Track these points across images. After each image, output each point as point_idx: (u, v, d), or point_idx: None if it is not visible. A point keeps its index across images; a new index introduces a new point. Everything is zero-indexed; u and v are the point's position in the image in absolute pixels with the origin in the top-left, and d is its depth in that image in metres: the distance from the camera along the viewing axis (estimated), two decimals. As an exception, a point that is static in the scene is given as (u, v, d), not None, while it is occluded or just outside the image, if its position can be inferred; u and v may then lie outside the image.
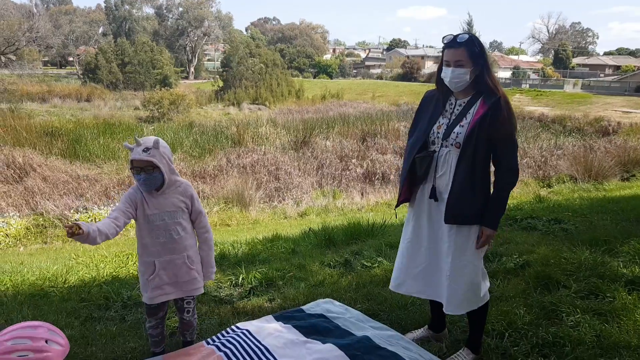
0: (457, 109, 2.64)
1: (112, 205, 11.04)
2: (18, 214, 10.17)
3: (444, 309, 2.73)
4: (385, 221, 6.29)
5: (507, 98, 2.59)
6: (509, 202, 6.59)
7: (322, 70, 65.82)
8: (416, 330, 3.21)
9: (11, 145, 15.26)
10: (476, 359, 2.86)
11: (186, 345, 3.08)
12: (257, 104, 36.42)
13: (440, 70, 2.66)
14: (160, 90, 32.00)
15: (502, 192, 2.64)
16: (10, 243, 9.13)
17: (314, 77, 61.48)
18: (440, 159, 2.67)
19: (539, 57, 79.01)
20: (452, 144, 2.61)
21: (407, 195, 2.88)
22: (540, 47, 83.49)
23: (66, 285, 4.34)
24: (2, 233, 9.31)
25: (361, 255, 4.84)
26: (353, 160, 14.41)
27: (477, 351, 2.89)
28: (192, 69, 67.13)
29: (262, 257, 5.21)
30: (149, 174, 2.62)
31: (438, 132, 2.68)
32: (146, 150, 2.58)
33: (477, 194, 2.57)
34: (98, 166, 14.88)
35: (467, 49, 2.53)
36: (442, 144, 2.66)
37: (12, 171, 13.00)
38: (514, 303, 3.44)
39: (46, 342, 1.84)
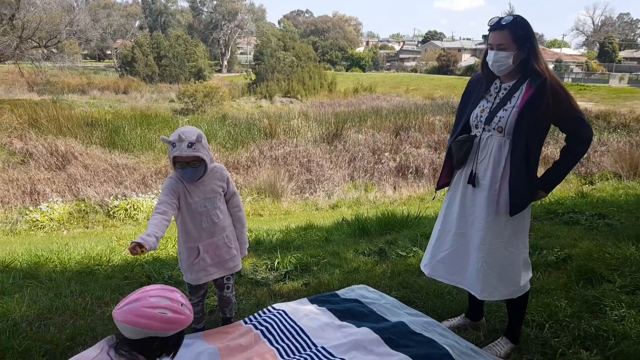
0: (502, 93, 2.61)
1: (149, 193, 11.34)
2: (61, 200, 10.55)
3: (477, 296, 2.70)
4: (420, 213, 6.26)
5: (557, 79, 2.53)
6: (549, 196, 6.48)
7: (355, 63, 65.36)
8: (453, 319, 3.21)
9: (54, 135, 15.80)
10: (515, 348, 2.85)
11: (225, 322, 3.17)
12: (289, 97, 36.58)
13: (486, 53, 2.64)
14: (195, 83, 32.47)
15: (570, 162, 2.60)
16: (54, 227, 9.50)
17: (347, 70, 61.11)
18: (482, 143, 2.65)
19: (582, 50, 76.14)
20: (494, 129, 2.59)
21: (446, 179, 2.89)
22: (584, 39, 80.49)
23: (110, 265, 4.51)
24: (46, 217, 9.69)
25: (396, 244, 4.84)
26: (386, 154, 14.33)
27: (516, 341, 2.87)
28: (225, 62, 67.85)
29: (296, 244, 5.27)
30: (194, 168, 2.70)
31: (481, 116, 2.66)
32: (190, 145, 2.61)
33: (529, 181, 2.54)
34: (136, 156, 15.25)
35: (511, 32, 2.49)
36: (484, 128, 2.64)
37: (55, 159, 13.47)
38: (555, 295, 3.39)
39: (181, 305, 1.93)
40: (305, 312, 3.29)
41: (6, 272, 4.27)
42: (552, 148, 12.67)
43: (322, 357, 2.76)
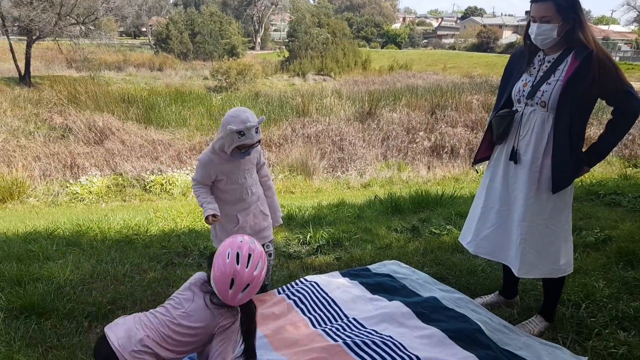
0: (546, 66, 2.52)
1: (184, 168, 11.55)
2: (100, 174, 10.87)
3: (515, 272, 2.66)
4: (455, 192, 6.19)
5: (605, 50, 2.43)
6: (589, 177, 6.29)
7: (391, 40, 64.07)
8: (486, 296, 3.19)
9: (92, 110, 16.20)
10: (549, 327, 2.81)
11: (262, 290, 3.23)
12: (322, 75, 36.31)
13: (528, 25, 2.55)
14: (228, 60, 32.56)
15: (616, 135, 2.51)
16: (93, 199, 9.81)
17: (382, 47, 59.96)
18: (524, 118, 2.57)
19: (633, 26, 72.28)
20: (537, 103, 2.51)
21: (485, 154, 2.84)
22: (635, 15, 76.42)
23: (148, 234, 4.64)
24: (86, 190, 10.02)
25: (429, 222, 4.81)
26: (420, 133, 14.12)
27: (551, 319, 2.83)
28: (258, 40, 67.69)
29: (328, 219, 5.30)
30: (254, 148, 2.81)
31: (523, 90, 2.58)
32: (257, 130, 2.71)
33: (573, 158, 2.46)
34: (171, 132, 15.51)
35: (555, 3, 2.37)
36: (526, 102, 2.57)
37: (94, 134, 13.83)
38: (593, 276, 3.31)
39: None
40: (337, 285, 3.32)
41: (50, 239, 4.45)
42: (595, 129, 12.24)
43: (353, 328, 2.79)
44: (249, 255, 2.01)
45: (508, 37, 58.47)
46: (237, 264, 1.99)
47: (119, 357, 1.92)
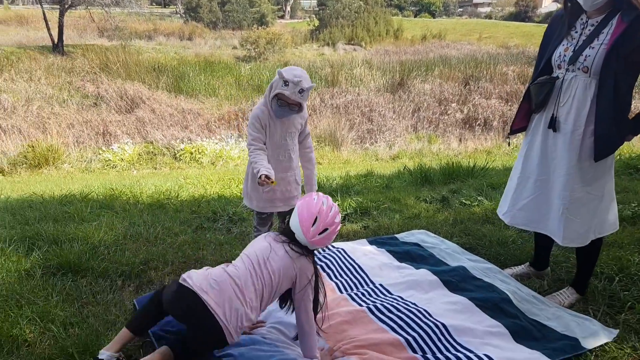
0: (589, 30, 2.39)
1: (213, 137, 11.66)
2: (131, 141, 11.06)
3: (560, 242, 2.58)
4: (487, 164, 6.07)
5: None
6: (628, 151, 6.06)
7: (424, 9, 62.09)
8: (516, 267, 3.14)
9: (123, 79, 16.39)
10: (580, 299, 2.76)
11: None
12: (353, 45, 35.67)
13: None
14: (257, 29, 32.28)
15: None
16: (125, 167, 10.02)
17: (415, 16, 58.19)
18: (564, 84, 2.47)
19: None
20: (579, 69, 2.40)
21: (521, 124, 2.75)
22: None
23: (179, 200, 4.72)
24: (118, 157, 10.24)
25: (460, 193, 4.74)
26: (453, 105, 13.83)
27: (582, 292, 2.78)
28: (288, 8, 66.73)
29: (356, 189, 5.29)
30: (292, 110, 2.76)
31: (564, 55, 2.47)
32: (301, 92, 2.67)
33: (617, 126, 2.35)
34: (200, 101, 15.60)
35: None
36: (567, 68, 2.46)
37: (125, 102, 14.03)
38: (628, 250, 3.22)
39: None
40: (364, 252, 3.33)
41: (84, 202, 4.57)
42: (638, 102, 11.75)
43: (379, 294, 2.80)
44: (332, 206, 2.17)
45: (547, 5, 56.01)
46: (323, 206, 2.13)
47: (224, 332, 2.01)
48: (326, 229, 2.14)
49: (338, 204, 4.39)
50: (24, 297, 2.60)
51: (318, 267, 3.12)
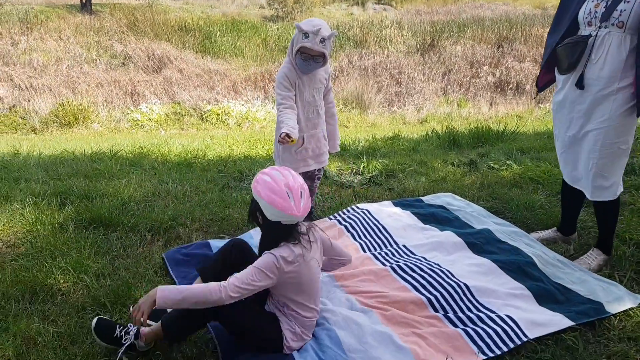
0: None
1: (239, 99, 11.65)
2: (159, 102, 11.15)
3: (589, 196, 2.57)
4: (518, 128, 5.92)
5: None
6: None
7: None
8: (542, 231, 3.10)
9: (150, 39, 16.37)
10: (607, 260, 2.72)
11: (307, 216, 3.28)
12: (383, 4, 34.66)
13: None
14: (286, -12, 31.65)
15: None
16: (153, 127, 10.15)
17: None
18: (597, 41, 2.36)
19: None
20: (613, 24, 2.29)
21: (547, 77, 2.68)
22: None
23: (206, 159, 4.77)
24: (146, 117, 10.36)
25: (488, 157, 4.66)
26: (484, 67, 13.41)
27: (608, 252, 2.74)
28: (317, -32, 65.13)
29: (382, 152, 5.24)
30: (317, 62, 2.70)
31: (595, 11, 2.35)
32: (322, 41, 2.60)
33: None
34: (227, 62, 15.52)
35: None
36: (599, 25, 2.35)
37: (152, 62, 14.06)
38: (658, 216, 3.14)
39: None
40: (388, 213, 3.32)
41: (114, 159, 4.67)
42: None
43: (402, 254, 2.81)
44: (280, 172, 1.98)
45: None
46: (281, 178, 1.94)
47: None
48: (301, 192, 1.97)
49: (363, 166, 4.39)
50: (58, 249, 2.70)
51: (342, 227, 3.17)
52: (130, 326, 1.97)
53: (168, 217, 3.22)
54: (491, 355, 2.02)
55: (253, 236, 3.00)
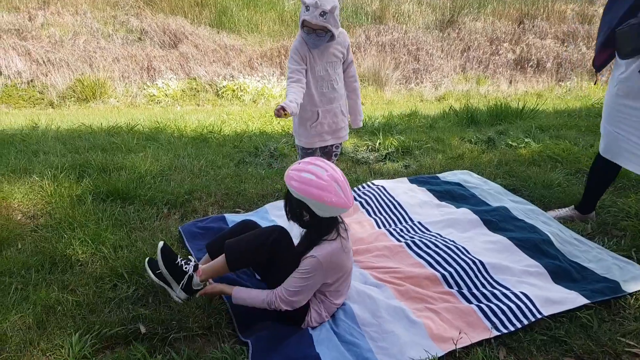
0: None
1: (255, 75, 11.60)
2: (175, 77, 11.15)
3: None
4: (537, 106, 5.81)
5: None
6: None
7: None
8: (560, 209, 3.05)
9: (165, 13, 16.29)
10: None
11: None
12: (401, -19, 34.05)
13: None
14: (303, -37, 31.11)
15: None
16: (169, 102, 10.18)
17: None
18: None
19: None
20: None
21: (604, 55, 2.54)
22: None
23: (221, 134, 4.78)
24: (162, 93, 10.38)
25: (506, 135, 4.59)
26: (505, 44, 13.13)
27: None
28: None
29: (398, 128, 5.19)
30: (320, 37, 2.64)
31: None
32: (323, 14, 2.54)
33: None
34: (243, 37, 15.40)
35: None
36: None
37: (168, 37, 14.00)
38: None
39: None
40: (404, 190, 3.30)
41: (131, 134, 4.70)
42: None
43: (417, 231, 2.80)
44: (317, 166, 1.91)
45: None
46: (323, 172, 1.88)
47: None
48: (343, 177, 1.93)
49: (379, 143, 4.36)
50: (76, 221, 2.75)
51: (358, 203, 3.16)
52: (191, 259, 2.11)
53: (184, 191, 3.24)
54: (505, 331, 2.01)
55: (268, 211, 3.02)
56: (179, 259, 2.09)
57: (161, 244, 2.11)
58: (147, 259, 2.12)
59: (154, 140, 4.47)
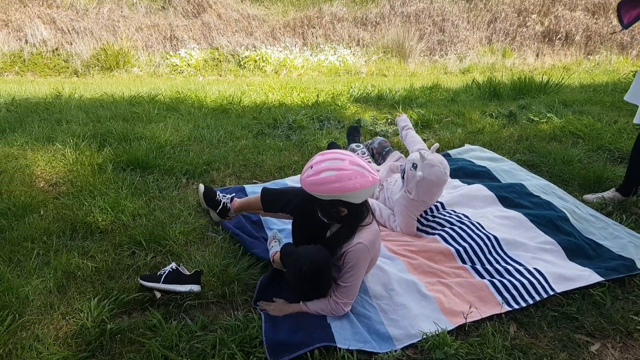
0: None
1: (277, 45, 11.51)
2: (197, 47, 11.13)
3: None
4: (562, 80, 5.65)
5: None
6: None
7: None
8: (598, 194, 2.93)
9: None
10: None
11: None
12: (429, -52, 33.03)
13: None
14: None
15: None
16: (191, 72, 10.20)
17: None
18: None
19: None
20: None
21: (634, 16, 2.46)
22: None
23: (241, 105, 4.79)
24: (185, 63, 10.40)
25: (528, 109, 4.50)
26: (533, 16, 12.71)
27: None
28: None
29: (419, 101, 5.13)
30: None
31: None
32: None
33: None
34: (265, 7, 15.24)
35: None
36: None
37: (192, 6, 13.94)
38: None
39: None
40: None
41: (152, 104, 4.74)
42: None
43: (433, 208, 2.79)
44: (333, 159, 1.87)
45: None
46: (340, 162, 1.86)
47: None
48: (362, 160, 1.93)
49: (398, 115, 4.32)
50: (97, 189, 2.82)
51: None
52: (227, 195, 2.55)
53: (203, 161, 3.28)
54: (516, 307, 2.02)
55: (287, 185, 3.04)
56: (218, 195, 2.54)
57: (201, 187, 2.58)
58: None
59: (175, 111, 4.51)
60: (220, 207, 2.50)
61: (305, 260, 1.87)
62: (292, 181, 3.08)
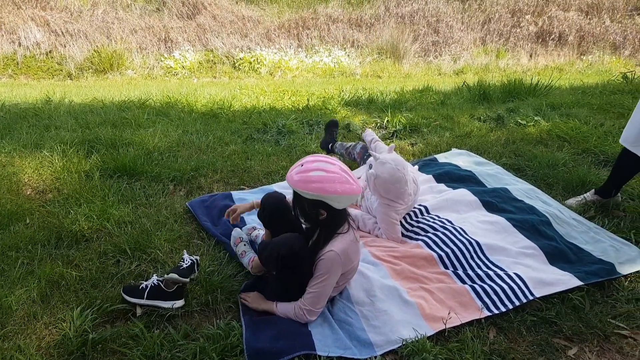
0: None
1: (272, 47, 11.52)
2: (192, 49, 11.14)
3: None
4: (552, 82, 5.68)
5: None
6: None
7: None
8: (578, 197, 2.97)
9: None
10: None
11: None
12: (424, -52, 33.06)
13: None
14: None
15: None
16: (185, 74, 10.21)
17: None
18: None
19: None
20: None
21: None
22: None
23: (231, 110, 4.81)
24: (179, 65, 10.40)
25: (516, 112, 4.53)
26: (527, 16, 12.75)
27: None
28: None
29: (409, 105, 5.15)
30: None
31: None
32: None
33: None
34: (261, 8, 15.24)
35: None
36: None
37: (186, 8, 13.94)
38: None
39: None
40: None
41: (141, 109, 4.76)
42: None
43: (418, 214, 2.81)
44: (323, 162, 1.91)
45: None
46: (330, 166, 1.89)
47: None
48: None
49: (387, 120, 4.34)
50: (84, 197, 2.83)
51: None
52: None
53: (190, 167, 3.30)
54: (495, 311, 2.04)
55: (274, 190, 3.06)
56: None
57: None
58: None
59: (165, 116, 4.52)
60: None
61: (281, 246, 1.92)
62: (280, 187, 3.10)
